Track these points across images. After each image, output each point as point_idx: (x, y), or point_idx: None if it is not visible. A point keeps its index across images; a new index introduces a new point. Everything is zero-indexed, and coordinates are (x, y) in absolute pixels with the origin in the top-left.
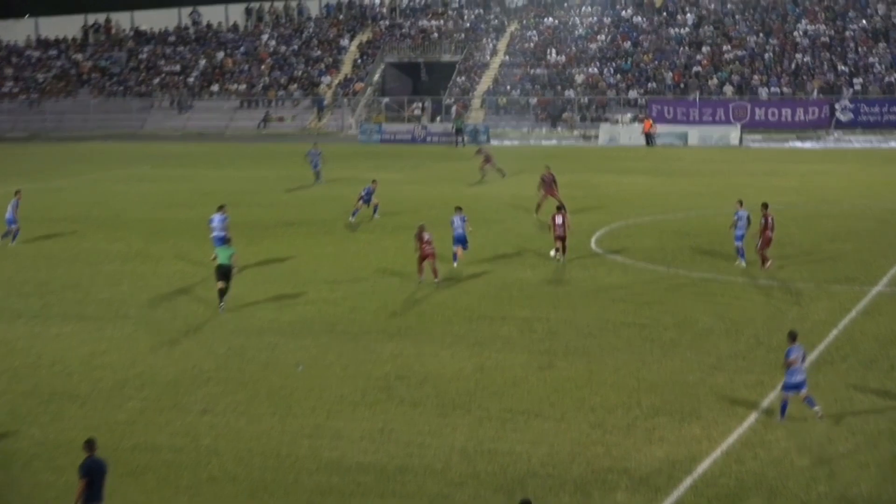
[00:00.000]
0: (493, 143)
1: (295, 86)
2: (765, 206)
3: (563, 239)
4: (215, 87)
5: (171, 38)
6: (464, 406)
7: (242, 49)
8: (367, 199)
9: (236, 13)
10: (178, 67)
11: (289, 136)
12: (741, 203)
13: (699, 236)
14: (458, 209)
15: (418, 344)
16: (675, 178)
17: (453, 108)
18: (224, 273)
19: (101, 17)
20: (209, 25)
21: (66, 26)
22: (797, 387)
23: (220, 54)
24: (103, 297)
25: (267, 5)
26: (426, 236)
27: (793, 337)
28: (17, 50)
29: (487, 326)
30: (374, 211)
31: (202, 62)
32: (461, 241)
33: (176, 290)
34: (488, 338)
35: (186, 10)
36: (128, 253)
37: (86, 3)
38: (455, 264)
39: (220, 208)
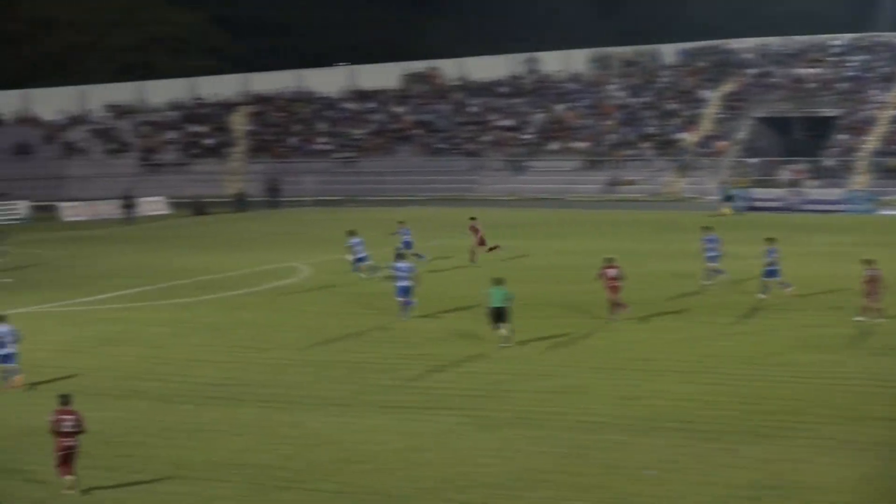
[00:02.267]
0: (884, 212)
1: (647, 144)
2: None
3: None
4: (554, 145)
5: (504, 89)
6: None
7: (586, 101)
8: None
9: (579, 60)
10: (511, 122)
11: (640, 202)
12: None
13: None
14: (770, 240)
15: (790, 447)
16: None
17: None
18: (499, 315)
19: (424, 65)
20: (548, 74)
21: (385, 75)
22: None
23: (561, 107)
24: (423, 383)
25: (615, 51)
26: (611, 272)
27: None
28: (331, 102)
29: (880, 429)
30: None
31: (539, 116)
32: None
33: (506, 376)
34: (879, 443)
35: (522, 57)
36: (449, 334)
37: (407, 49)
38: (787, 290)
39: (352, 233)
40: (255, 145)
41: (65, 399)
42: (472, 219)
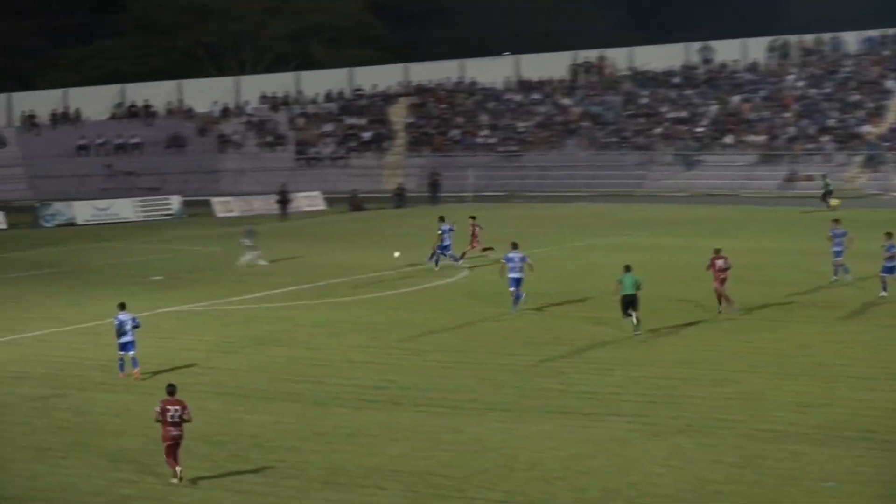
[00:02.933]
0: None
1: (827, 137)
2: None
3: None
4: (729, 139)
5: (677, 80)
6: None
7: (763, 92)
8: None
9: (757, 49)
10: (684, 114)
11: (819, 199)
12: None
13: None
14: (890, 235)
15: None
16: None
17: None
18: (630, 302)
19: (593, 55)
20: (723, 64)
21: (551, 65)
22: None
23: (736, 98)
24: (589, 388)
25: (794, 39)
26: (720, 263)
27: None
28: (496, 93)
29: None
30: None
31: (713, 108)
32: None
33: (678, 381)
34: None
35: (696, 46)
36: (618, 337)
37: (575, 38)
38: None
39: (442, 219)
40: (415, 138)
41: (171, 389)
42: (472, 217)
